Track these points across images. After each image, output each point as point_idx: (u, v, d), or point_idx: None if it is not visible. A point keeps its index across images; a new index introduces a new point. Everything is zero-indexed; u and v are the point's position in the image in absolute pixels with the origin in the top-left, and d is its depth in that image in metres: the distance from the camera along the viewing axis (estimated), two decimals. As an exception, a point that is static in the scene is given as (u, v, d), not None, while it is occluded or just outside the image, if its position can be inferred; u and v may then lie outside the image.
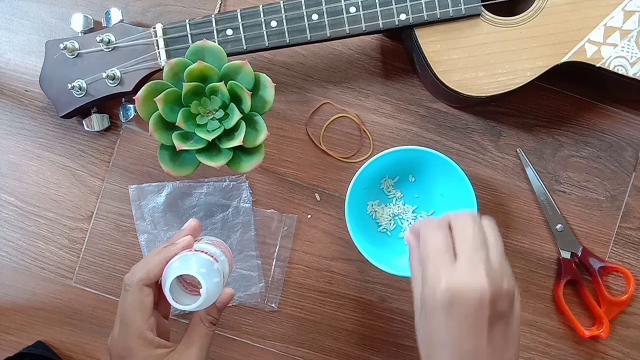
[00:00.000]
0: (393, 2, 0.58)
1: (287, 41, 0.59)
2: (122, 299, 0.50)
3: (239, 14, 0.58)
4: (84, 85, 0.59)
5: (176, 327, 0.64)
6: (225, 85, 0.54)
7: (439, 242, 0.47)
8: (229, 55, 0.56)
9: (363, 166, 0.60)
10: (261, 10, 0.58)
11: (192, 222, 0.54)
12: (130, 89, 0.59)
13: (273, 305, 0.65)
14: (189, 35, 0.58)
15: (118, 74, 0.58)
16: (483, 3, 0.59)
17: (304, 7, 0.58)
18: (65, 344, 0.64)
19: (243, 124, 0.55)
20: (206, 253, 0.49)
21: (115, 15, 0.61)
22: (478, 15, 0.59)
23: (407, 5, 0.58)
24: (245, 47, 0.59)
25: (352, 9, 0.58)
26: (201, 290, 0.46)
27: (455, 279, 0.45)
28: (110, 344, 0.50)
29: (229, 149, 0.55)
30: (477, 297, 0.45)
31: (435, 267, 0.46)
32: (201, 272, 0.47)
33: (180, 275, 0.48)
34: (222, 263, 0.51)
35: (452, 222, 0.48)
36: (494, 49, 0.59)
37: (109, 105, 0.64)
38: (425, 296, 0.47)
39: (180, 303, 0.47)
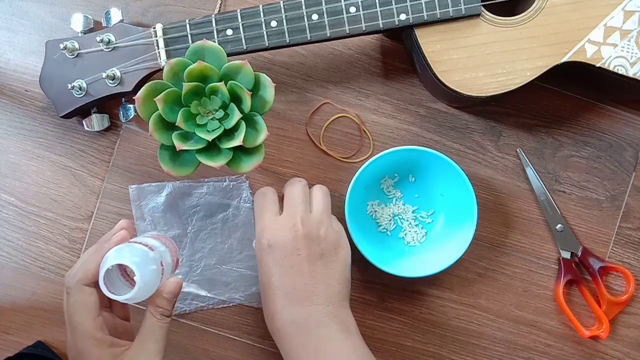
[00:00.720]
0: (393, 2, 0.58)
1: (287, 41, 0.59)
2: (65, 302, 0.50)
3: (239, 14, 0.58)
4: (84, 85, 0.59)
5: (176, 327, 0.64)
6: (225, 85, 0.54)
7: (263, 204, 0.57)
8: (229, 55, 0.56)
9: (363, 166, 0.60)
10: (261, 10, 0.58)
11: (121, 222, 0.55)
12: (130, 89, 0.59)
13: (273, 305, 0.65)
14: (189, 35, 0.58)
15: (118, 74, 0.58)
16: (483, 3, 0.59)
17: (304, 7, 0.58)
18: (65, 343, 0.64)
19: (243, 124, 0.55)
20: (140, 244, 0.50)
21: (115, 15, 0.61)
22: (478, 15, 0.59)
23: (407, 5, 0.58)
24: (245, 47, 0.59)
25: (352, 9, 0.58)
26: (136, 279, 0.47)
27: (274, 227, 0.55)
28: (67, 349, 0.51)
29: (229, 149, 0.55)
30: (291, 237, 0.54)
31: (260, 223, 0.56)
32: (134, 260, 0.47)
33: (120, 267, 0.48)
34: (162, 253, 0.51)
35: (284, 189, 0.58)
36: (494, 49, 0.59)
37: (109, 105, 0.64)
38: (256, 249, 0.56)
39: (117, 294, 0.46)
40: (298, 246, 0.54)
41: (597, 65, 0.59)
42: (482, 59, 0.59)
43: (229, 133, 0.55)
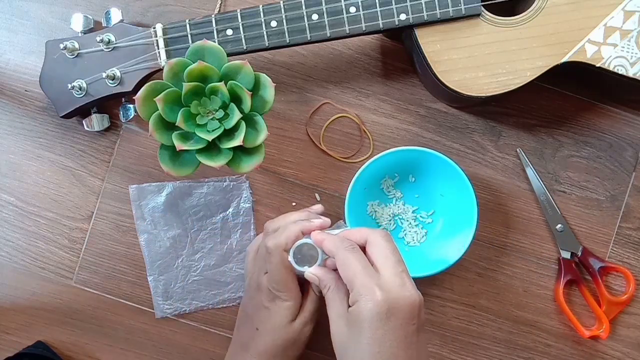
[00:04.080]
0: (393, 2, 0.58)
1: (287, 41, 0.59)
2: (265, 258, 0.54)
3: (239, 14, 0.58)
4: (84, 85, 0.59)
5: (176, 327, 0.64)
6: (225, 85, 0.54)
7: (361, 259, 0.49)
8: (229, 55, 0.56)
9: (363, 166, 0.60)
10: (261, 10, 0.58)
11: (317, 207, 0.60)
12: (130, 89, 0.59)
13: (273, 305, 0.65)
14: (189, 35, 0.58)
15: (118, 74, 0.58)
16: (483, 3, 0.59)
17: (304, 7, 0.58)
18: (65, 344, 0.64)
19: (243, 124, 0.55)
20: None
21: (115, 15, 0.61)
22: (478, 15, 0.59)
23: (407, 5, 0.58)
24: (245, 47, 0.59)
25: (352, 9, 0.58)
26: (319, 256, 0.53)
27: (389, 290, 0.46)
28: (253, 295, 0.57)
29: (229, 149, 0.55)
30: (410, 306, 0.46)
31: (367, 282, 0.47)
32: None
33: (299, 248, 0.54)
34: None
35: (369, 239, 0.50)
36: (494, 49, 0.59)
37: (109, 105, 0.64)
38: (359, 310, 0.46)
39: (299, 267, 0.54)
40: (413, 316, 0.47)
41: (597, 65, 0.59)
42: (482, 59, 0.59)
43: (229, 133, 0.55)
